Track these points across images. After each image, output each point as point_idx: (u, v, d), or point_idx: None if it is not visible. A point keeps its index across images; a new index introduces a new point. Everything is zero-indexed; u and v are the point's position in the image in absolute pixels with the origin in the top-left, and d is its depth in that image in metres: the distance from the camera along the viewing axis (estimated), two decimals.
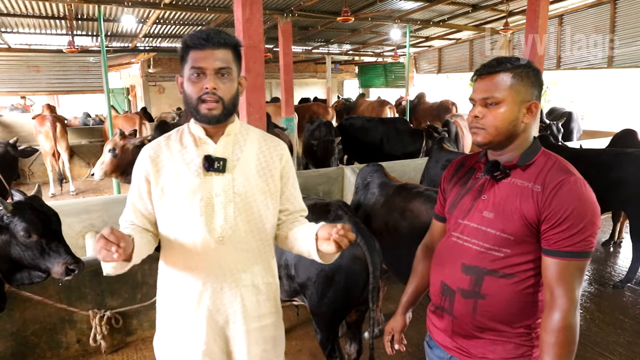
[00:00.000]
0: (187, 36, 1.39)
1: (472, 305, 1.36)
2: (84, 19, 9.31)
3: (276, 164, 1.54)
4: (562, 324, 1.22)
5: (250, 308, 1.51)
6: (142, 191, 1.46)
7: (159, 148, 1.48)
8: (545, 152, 1.36)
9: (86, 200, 4.20)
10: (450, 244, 1.45)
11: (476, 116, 1.35)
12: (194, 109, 1.40)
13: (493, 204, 1.35)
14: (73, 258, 2.36)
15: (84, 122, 12.39)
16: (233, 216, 1.44)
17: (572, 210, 1.22)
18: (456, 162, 1.59)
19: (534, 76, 1.33)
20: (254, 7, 4.11)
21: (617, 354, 3.16)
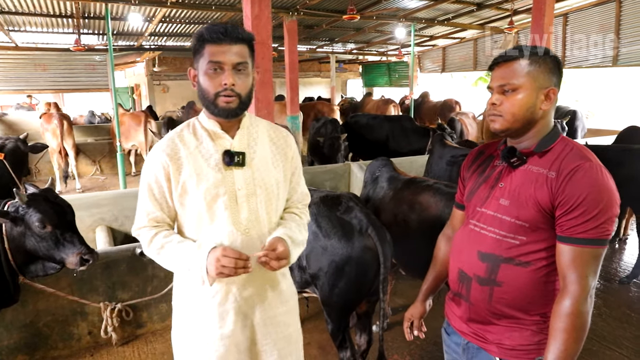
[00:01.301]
0: (204, 29, 1.38)
1: (488, 293, 1.37)
2: (91, 18, 9.36)
3: (287, 154, 1.57)
4: (572, 309, 1.20)
5: (276, 295, 1.54)
6: (163, 188, 1.44)
7: (175, 145, 1.45)
8: (564, 139, 1.34)
9: (97, 195, 4.23)
10: (468, 231, 1.46)
11: (493, 103, 1.34)
12: (211, 103, 1.39)
13: (509, 191, 1.34)
14: (87, 248, 2.40)
15: (89, 120, 12.46)
16: (256, 208, 1.46)
17: (587, 196, 1.19)
18: (476, 151, 1.59)
19: (552, 62, 1.31)
20: (263, 4, 4.14)
21: (624, 348, 3.17)
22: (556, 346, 1.21)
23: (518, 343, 1.35)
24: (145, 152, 8.35)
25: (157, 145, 1.48)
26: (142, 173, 1.50)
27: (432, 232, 2.56)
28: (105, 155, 9.71)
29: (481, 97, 16.60)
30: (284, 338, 1.57)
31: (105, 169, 9.77)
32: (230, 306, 1.47)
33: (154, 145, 6.44)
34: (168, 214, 1.48)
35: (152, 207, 1.46)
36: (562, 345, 1.20)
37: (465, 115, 9.14)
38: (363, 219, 2.34)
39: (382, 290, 2.31)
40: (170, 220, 1.49)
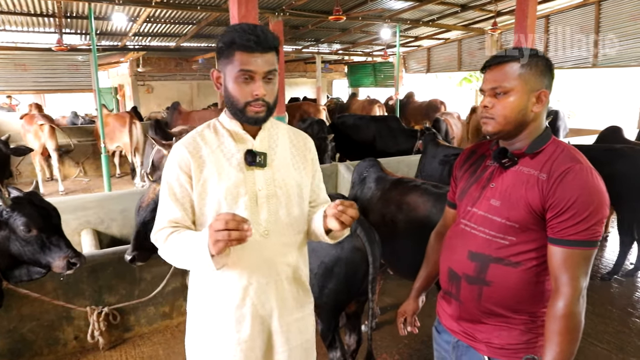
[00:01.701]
0: (235, 34, 1.34)
1: (477, 292, 1.38)
2: (73, 17, 9.22)
3: (307, 156, 1.56)
4: (565, 311, 1.22)
5: (292, 300, 1.51)
6: (186, 186, 1.41)
7: (196, 143, 1.44)
8: (555, 141, 1.36)
9: (82, 197, 4.18)
10: (459, 231, 1.47)
11: (485, 106, 1.36)
12: (240, 111, 1.38)
13: (500, 192, 1.36)
14: (74, 252, 2.37)
15: (72, 121, 12.25)
16: (275, 209, 1.44)
17: (577, 199, 1.21)
18: (468, 150, 1.61)
19: (544, 65, 1.32)
20: (250, 5, 4.13)
21: (606, 343, 3.25)
22: (553, 348, 1.23)
23: (507, 342, 1.37)
24: (130, 154, 8.26)
25: (179, 143, 1.46)
26: (162, 175, 1.47)
27: (420, 232, 2.60)
28: (88, 156, 9.58)
29: (466, 97, 16.79)
30: (300, 345, 1.54)
31: (89, 170, 9.64)
32: (247, 310, 1.44)
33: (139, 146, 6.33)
34: (190, 215, 1.43)
35: (173, 207, 1.41)
36: (558, 347, 1.22)
37: (450, 115, 9.24)
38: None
39: (371, 291, 2.33)
40: (191, 223, 1.44)
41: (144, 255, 2.61)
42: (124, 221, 4.02)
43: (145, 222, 2.56)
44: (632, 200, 4.13)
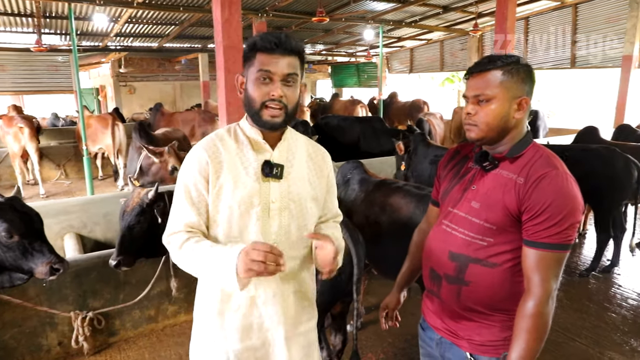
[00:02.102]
0: (257, 37, 1.36)
1: (456, 291, 1.43)
2: (53, 17, 9.09)
3: (324, 171, 1.55)
4: (535, 311, 1.27)
5: (298, 314, 1.51)
6: (202, 190, 1.40)
7: (216, 147, 1.42)
8: (535, 146, 1.40)
9: (65, 201, 4.13)
10: (440, 231, 1.51)
11: (469, 113, 1.39)
12: (256, 114, 1.37)
13: (480, 194, 1.40)
14: (57, 257, 2.35)
15: (52, 123, 12.07)
16: (287, 223, 1.43)
17: (551, 203, 1.25)
18: (453, 150, 1.64)
19: (525, 72, 1.35)
20: (233, 8, 4.13)
21: (583, 337, 3.35)
22: (520, 345, 1.28)
23: (487, 339, 1.41)
24: (112, 155, 8.17)
25: (198, 144, 1.45)
26: (179, 176, 1.46)
27: (403, 232, 2.64)
28: (70, 159, 9.44)
29: (448, 97, 17.00)
30: (304, 357, 1.54)
31: (71, 173, 9.50)
32: (254, 320, 1.44)
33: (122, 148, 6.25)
34: (204, 220, 1.42)
35: (189, 211, 1.40)
36: (524, 344, 1.28)
37: (432, 115, 9.36)
38: None
39: (355, 291, 2.36)
40: (205, 228, 1.43)
41: (129, 260, 2.59)
42: (108, 225, 3.99)
43: (130, 227, 2.55)
44: (608, 199, 4.26)
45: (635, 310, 3.75)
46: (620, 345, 3.25)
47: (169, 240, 1.42)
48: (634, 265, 4.65)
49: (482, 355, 1.43)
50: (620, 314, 3.70)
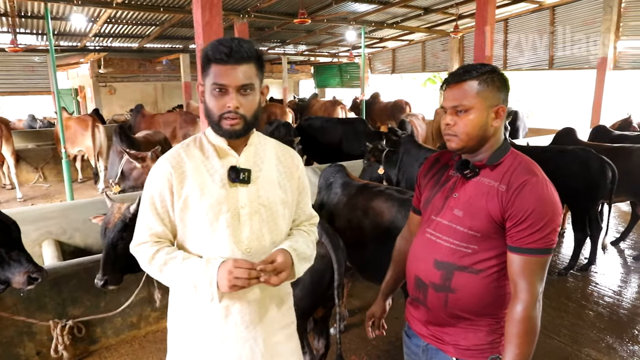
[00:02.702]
0: (209, 47, 1.35)
1: (443, 299, 1.44)
2: (28, 17, 8.89)
3: (294, 174, 1.54)
4: (523, 315, 1.30)
5: (275, 319, 1.50)
6: (166, 202, 1.40)
7: (179, 157, 1.42)
8: (514, 153, 1.43)
9: (43, 207, 4.05)
10: (424, 240, 1.51)
11: (448, 124, 1.41)
12: (216, 124, 1.37)
13: (462, 202, 1.41)
14: (35, 267, 2.31)
15: (29, 124, 11.80)
16: (258, 227, 1.42)
17: (534, 210, 1.29)
18: (432, 158, 1.65)
19: (499, 81, 1.39)
20: (214, 10, 4.11)
21: (562, 335, 3.42)
22: (512, 349, 1.32)
23: (473, 343, 1.44)
24: (93, 158, 8.04)
25: (162, 157, 1.45)
26: (145, 186, 1.46)
27: (386, 236, 2.67)
28: (48, 161, 9.25)
29: (430, 97, 17.16)
30: None
31: (49, 176, 9.30)
32: (230, 330, 1.43)
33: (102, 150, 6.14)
34: (170, 229, 1.43)
35: (154, 222, 1.41)
36: (517, 349, 1.31)
37: (415, 116, 9.43)
38: None
39: (337, 296, 2.37)
40: (172, 237, 1.44)
41: (115, 278, 2.47)
42: (88, 231, 3.92)
43: (114, 244, 2.44)
44: (585, 199, 4.36)
45: (611, 307, 3.85)
46: (597, 343, 3.33)
47: (137, 250, 1.43)
48: (610, 263, 4.77)
49: (468, 359, 1.45)
50: (597, 311, 3.80)
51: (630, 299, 4.02)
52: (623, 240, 5.24)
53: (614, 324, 3.58)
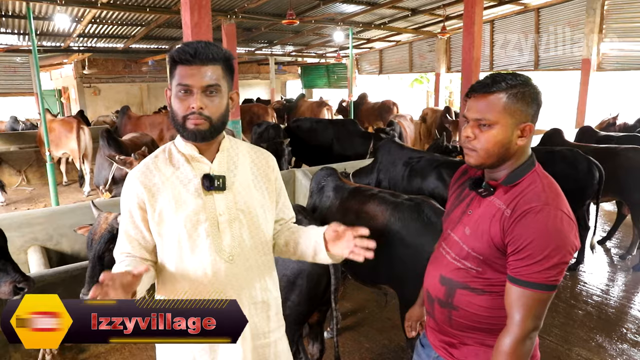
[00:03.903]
0: (174, 50, 1.33)
1: (447, 315, 1.41)
2: (10, 16, 8.70)
3: (269, 175, 1.52)
4: (510, 349, 1.22)
5: (260, 325, 1.48)
6: (137, 219, 1.38)
7: (149, 172, 1.40)
8: (534, 174, 1.31)
9: (28, 213, 3.95)
10: (437, 254, 1.49)
11: (468, 137, 1.31)
12: (180, 126, 1.34)
13: (473, 221, 1.35)
14: (22, 276, 2.25)
15: (11, 126, 11.56)
16: (239, 233, 1.40)
17: (533, 240, 1.19)
18: (461, 169, 1.58)
19: (530, 96, 1.27)
20: (203, 12, 4.06)
21: (553, 335, 3.45)
22: None
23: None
24: (78, 160, 7.90)
25: (132, 173, 1.42)
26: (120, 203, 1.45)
27: (379, 240, 2.66)
28: (31, 164, 9.07)
29: (417, 98, 17.26)
30: None
31: (33, 179, 9.11)
32: None
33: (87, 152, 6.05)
34: (145, 247, 1.41)
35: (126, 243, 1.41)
36: None
37: (403, 117, 9.46)
38: None
39: (333, 300, 2.36)
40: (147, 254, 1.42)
41: None
42: (75, 237, 3.82)
43: (101, 256, 2.36)
44: (571, 200, 4.38)
45: (599, 306, 3.90)
46: (587, 342, 3.37)
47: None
48: (597, 263, 4.84)
49: None
50: (586, 310, 3.84)
51: (617, 298, 4.08)
52: (609, 239, 5.32)
53: (603, 323, 3.63)
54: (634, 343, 3.36)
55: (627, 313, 3.81)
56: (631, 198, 4.65)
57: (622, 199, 4.89)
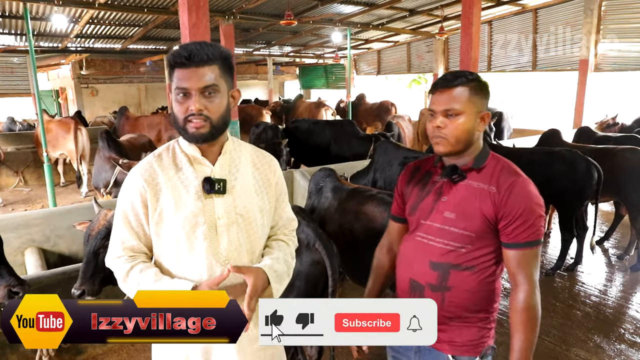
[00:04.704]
0: (170, 54, 1.33)
1: (440, 298, 1.48)
2: (7, 17, 8.68)
3: (271, 180, 1.51)
4: (525, 304, 1.40)
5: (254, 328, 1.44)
6: (140, 216, 1.37)
7: (152, 170, 1.39)
8: (494, 156, 1.52)
9: (25, 214, 3.93)
10: (416, 243, 1.55)
11: (438, 126, 1.46)
12: (182, 129, 1.35)
13: (453, 205, 1.48)
14: (17, 280, 2.23)
15: (8, 127, 11.52)
16: (236, 238, 1.40)
17: (525, 208, 1.39)
18: (412, 167, 1.69)
19: (484, 89, 1.47)
20: (200, 12, 4.06)
21: (551, 336, 3.46)
22: (519, 337, 1.41)
23: (467, 339, 1.50)
24: (75, 161, 7.88)
25: (134, 170, 1.41)
26: (118, 199, 1.43)
27: (377, 241, 2.66)
28: (28, 165, 9.04)
29: (415, 98, 17.26)
30: None
31: (30, 179, 9.08)
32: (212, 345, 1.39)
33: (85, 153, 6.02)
34: (145, 243, 1.40)
35: (128, 235, 1.38)
36: (523, 335, 1.40)
37: (401, 118, 9.47)
38: (310, 233, 2.38)
39: None
40: (147, 250, 1.41)
41: (94, 288, 2.35)
42: (73, 238, 3.82)
43: (96, 252, 2.35)
44: (571, 199, 4.42)
45: (597, 307, 3.91)
46: (585, 342, 3.38)
47: (113, 265, 1.39)
48: (595, 263, 4.85)
49: (462, 355, 1.51)
50: (584, 311, 3.85)
51: (615, 298, 4.09)
52: (607, 239, 5.33)
53: (601, 323, 3.64)
54: (632, 343, 3.36)
55: (625, 313, 3.82)
56: (629, 198, 4.66)
57: (620, 199, 4.90)
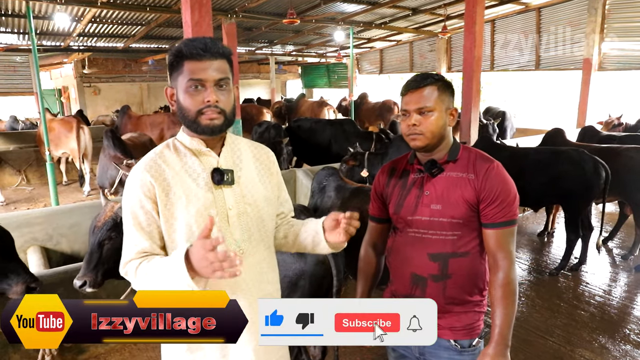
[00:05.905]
0: (182, 45, 1.32)
1: (442, 287, 1.57)
2: (9, 15, 8.68)
3: (272, 169, 1.54)
4: (506, 280, 1.51)
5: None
6: (151, 211, 1.34)
7: (158, 166, 1.36)
8: (465, 148, 1.64)
9: (28, 212, 3.93)
10: (410, 238, 1.61)
11: (414, 124, 1.55)
12: (193, 122, 1.33)
13: (437, 197, 1.57)
14: (32, 277, 2.26)
15: (11, 126, 11.54)
16: (247, 227, 1.41)
17: (501, 189, 1.51)
18: (387, 167, 1.75)
19: (450, 87, 1.60)
20: (203, 10, 4.04)
21: (555, 336, 3.43)
22: (500, 311, 1.50)
23: (466, 323, 1.60)
24: (77, 160, 7.88)
25: (138, 166, 1.38)
26: (123, 201, 1.39)
27: None
28: (31, 163, 9.04)
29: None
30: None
31: (32, 178, 9.09)
32: None
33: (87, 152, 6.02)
34: (158, 243, 1.36)
35: (140, 238, 1.33)
36: (505, 309, 1.50)
37: None
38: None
39: None
40: (160, 250, 1.36)
41: (96, 280, 2.33)
42: (75, 236, 3.81)
43: (101, 243, 2.35)
44: (578, 199, 4.38)
45: (602, 307, 3.88)
46: (590, 343, 3.35)
47: (125, 270, 1.35)
48: (599, 263, 4.82)
49: (462, 339, 1.59)
50: (588, 311, 3.82)
51: (620, 298, 4.06)
52: (611, 239, 5.30)
53: (606, 324, 3.61)
54: (637, 344, 3.34)
55: (630, 314, 3.79)
56: (634, 198, 4.63)
57: (624, 199, 4.87)
